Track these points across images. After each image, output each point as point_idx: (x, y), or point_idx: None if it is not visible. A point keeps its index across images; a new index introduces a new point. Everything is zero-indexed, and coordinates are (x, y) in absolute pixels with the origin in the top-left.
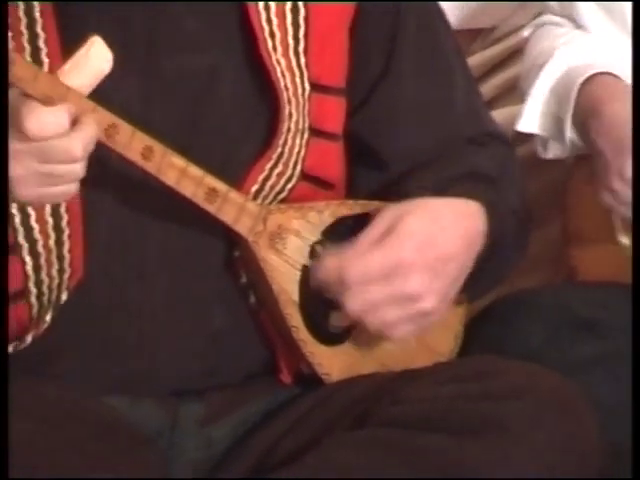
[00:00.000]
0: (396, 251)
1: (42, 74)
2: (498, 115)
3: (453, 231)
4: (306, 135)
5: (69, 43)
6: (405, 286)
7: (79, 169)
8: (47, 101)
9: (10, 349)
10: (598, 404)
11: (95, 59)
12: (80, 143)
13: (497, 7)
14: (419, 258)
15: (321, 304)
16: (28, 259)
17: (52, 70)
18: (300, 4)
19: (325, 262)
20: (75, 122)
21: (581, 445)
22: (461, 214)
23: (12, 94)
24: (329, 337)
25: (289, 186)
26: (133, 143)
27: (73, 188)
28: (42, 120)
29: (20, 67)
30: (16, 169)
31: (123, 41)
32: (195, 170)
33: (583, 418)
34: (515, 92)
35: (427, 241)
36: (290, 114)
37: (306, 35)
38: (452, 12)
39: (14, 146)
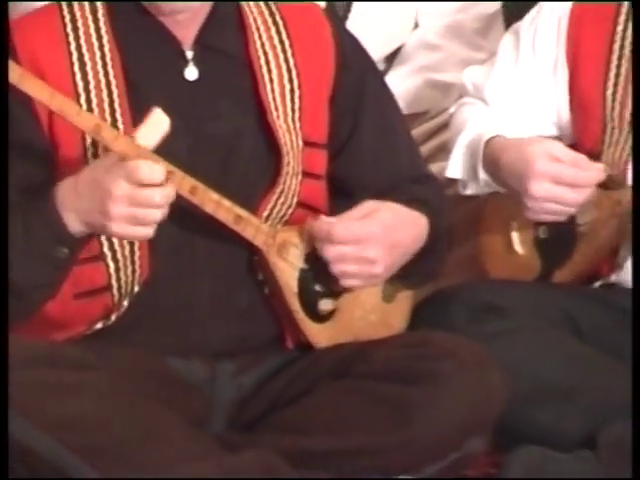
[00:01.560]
0: (369, 227)
1: (143, 148)
2: (434, 167)
3: (407, 228)
4: (300, 176)
5: (136, 115)
6: (369, 252)
7: (160, 215)
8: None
9: (100, 325)
10: (501, 363)
11: (158, 124)
12: (164, 194)
13: (431, 97)
14: (383, 237)
15: (313, 294)
16: (111, 264)
17: (126, 133)
18: (293, 74)
19: (320, 224)
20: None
21: (490, 391)
22: (414, 219)
23: (111, 156)
24: (319, 317)
25: (289, 212)
26: (183, 184)
27: (151, 232)
28: (152, 170)
29: (124, 143)
30: (116, 210)
31: (175, 112)
32: (226, 202)
33: (492, 373)
34: (444, 152)
35: (391, 228)
36: (289, 162)
37: (300, 105)
38: (401, 100)
39: (118, 192)
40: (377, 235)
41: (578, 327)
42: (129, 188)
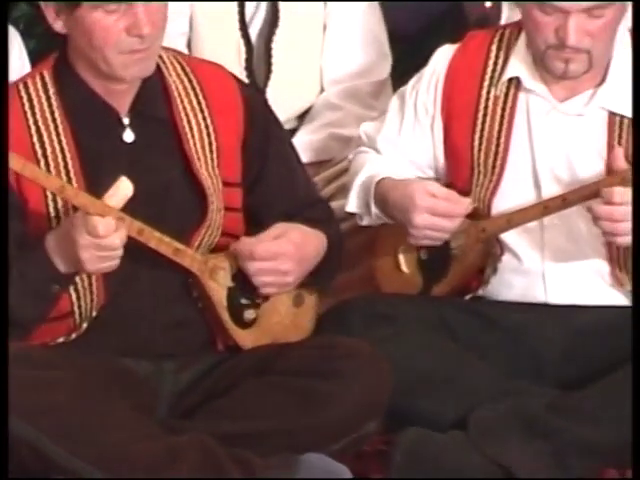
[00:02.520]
0: (282, 245)
1: (97, 201)
2: (336, 205)
3: (312, 243)
4: (222, 211)
5: (86, 174)
6: (283, 265)
7: (119, 253)
8: (103, 215)
9: (62, 339)
10: (390, 361)
11: (123, 189)
12: (119, 238)
13: (334, 148)
14: (294, 253)
15: (239, 306)
16: (73, 294)
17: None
18: (210, 130)
19: (243, 245)
20: (117, 227)
21: (381, 384)
22: (316, 235)
23: (79, 214)
24: (244, 324)
25: (215, 240)
26: (132, 227)
27: (114, 264)
28: (105, 225)
29: (82, 198)
30: (85, 255)
31: (119, 168)
32: (166, 238)
33: (382, 369)
34: (344, 192)
35: (299, 245)
36: (212, 202)
37: (217, 154)
38: (309, 151)
39: (84, 241)
40: (289, 251)
41: (452, 331)
42: (91, 239)
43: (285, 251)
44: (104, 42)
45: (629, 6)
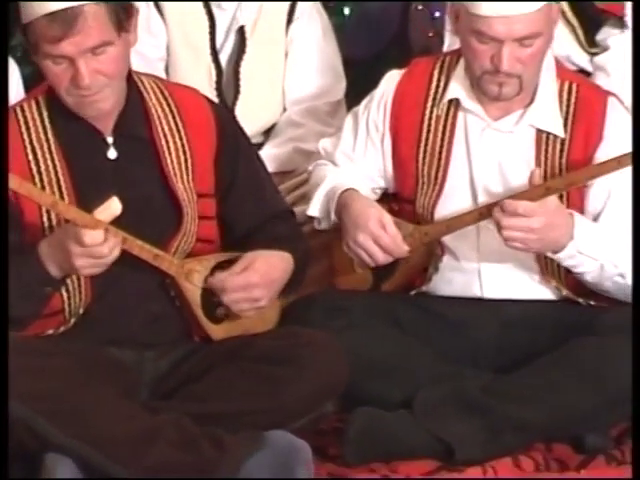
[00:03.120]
0: (250, 277)
1: (87, 215)
2: (297, 210)
3: (278, 269)
4: (197, 220)
5: (76, 188)
6: (253, 293)
7: (109, 260)
8: (92, 228)
9: (51, 331)
10: (345, 349)
11: (113, 208)
12: (108, 248)
13: (296, 160)
14: (262, 280)
15: (211, 305)
16: (64, 293)
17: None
18: (186, 147)
19: (216, 281)
20: (105, 238)
21: (338, 369)
22: (281, 257)
23: (70, 225)
24: (216, 320)
25: (191, 246)
26: (117, 235)
27: (104, 268)
28: (92, 236)
29: (73, 212)
30: (78, 262)
31: (104, 183)
32: (147, 245)
33: (339, 356)
34: (305, 199)
35: (266, 272)
36: (187, 212)
37: (192, 169)
38: (274, 162)
39: (75, 250)
40: (256, 281)
41: (399, 322)
42: (82, 248)
43: (253, 281)
44: (57, 86)
45: (555, 35)
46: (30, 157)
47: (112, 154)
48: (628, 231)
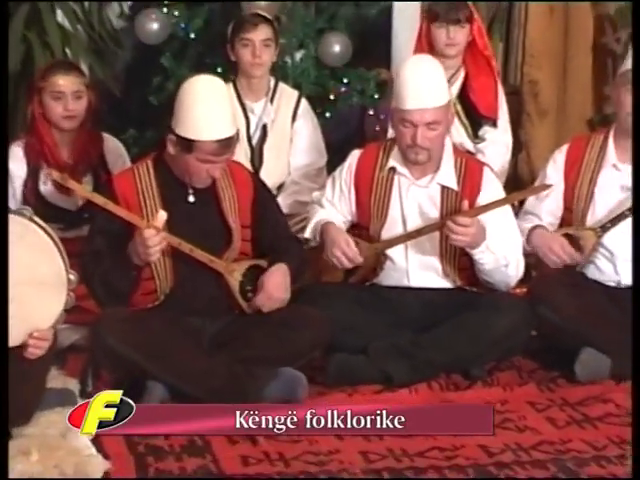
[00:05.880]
0: (271, 291)
1: (150, 222)
2: (299, 236)
3: (283, 276)
4: (240, 242)
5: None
6: (274, 295)
7: (158, 249)
8: (146, 228)
9: (150, 305)
10: (328, 318)
11: (161, 216)
12: (158, 239)
13: (297, 208)
14: (277, 289)
15: (245, 291)
16: (157, 280)
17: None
18: (234, 197)
19: (255, 301)
20: (155, 234)
21: (323, 331)
22: (283, 271)
23: (139, 230)
24: (248, 300)
25: (235, 256)
26: (185, 247)
27: (157, 255)
28: (148, 232)
29: (140, 221)
30: (139, 249)
31: (184, 217)
32: (207, 254)
33: (324, 323)
34: (303, 230)
35: (278, 284)
36: (234, 236)
37: (237, 210)
38: (283, 209)
39: (138, 239)
40: (275, 293)
41: (360, 302)
42: (140, 238)
43: (274, 295)
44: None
45: (453, 130)
46: (140, 198)
47: (191, 199)
48: (509, 236)
